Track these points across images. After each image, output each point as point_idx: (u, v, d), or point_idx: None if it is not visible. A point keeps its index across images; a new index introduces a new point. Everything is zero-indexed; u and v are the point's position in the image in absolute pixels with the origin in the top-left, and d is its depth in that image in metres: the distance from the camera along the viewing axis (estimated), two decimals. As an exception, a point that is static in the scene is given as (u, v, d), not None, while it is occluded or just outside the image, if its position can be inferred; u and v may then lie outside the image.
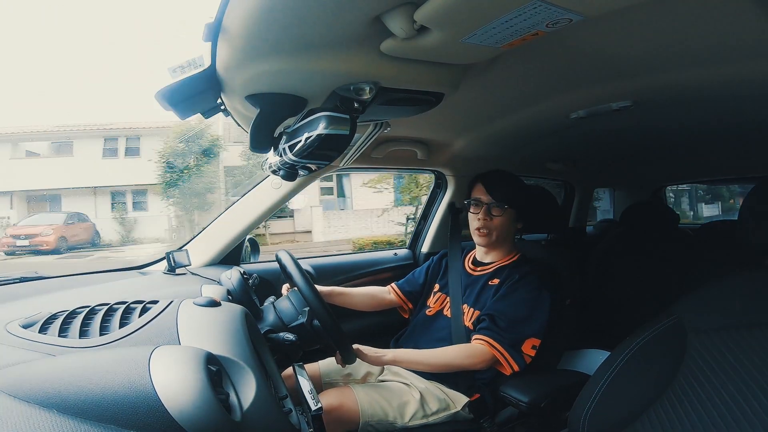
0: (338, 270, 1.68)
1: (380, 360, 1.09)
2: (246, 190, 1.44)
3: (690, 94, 0.96)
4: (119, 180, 10.82)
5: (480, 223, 1.22)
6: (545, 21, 0.56)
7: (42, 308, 0.66)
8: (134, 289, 1.10)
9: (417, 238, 1.92)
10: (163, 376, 0.47)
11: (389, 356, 1.10)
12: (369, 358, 1.08)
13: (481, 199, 1.23)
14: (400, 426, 1.10)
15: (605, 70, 0.87)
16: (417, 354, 1.12)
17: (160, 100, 0.70)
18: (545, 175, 2.31)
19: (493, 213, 1.21)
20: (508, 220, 1.22)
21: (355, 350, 1.03)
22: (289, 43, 0.63)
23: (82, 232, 10.09)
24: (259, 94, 0.77)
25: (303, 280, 0.99)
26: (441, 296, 1.32)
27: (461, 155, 1.55)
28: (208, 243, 1.40)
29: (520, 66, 0.84)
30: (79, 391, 0.45)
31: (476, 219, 1.23)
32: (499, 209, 1.20)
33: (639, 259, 1.87)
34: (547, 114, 1.14)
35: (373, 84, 0.75)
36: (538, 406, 1.00)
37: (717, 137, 1.49)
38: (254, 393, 0.55)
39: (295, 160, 0.78)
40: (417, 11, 0.55)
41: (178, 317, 0.62)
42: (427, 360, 1.11)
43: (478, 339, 1.11)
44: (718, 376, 0.72)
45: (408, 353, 1.12)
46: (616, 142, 1.59)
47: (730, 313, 0.76)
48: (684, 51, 0.76)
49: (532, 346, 1.09)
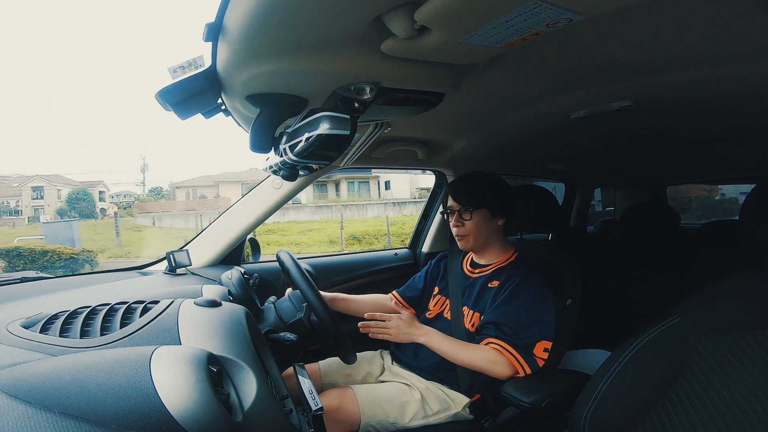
0: (338, 270, 1.68)
1: (414, 337, 1.11)
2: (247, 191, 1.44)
3: (691, 94, 0.96)
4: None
5: (455, 230, 1.23)
6: (546, 21, 0.56)
7: (43, 308, 0.66)
8: (135, 289, 1.10)
9: (417, 238, 1.92)
10: (164, 376, 0.47)
11: (422, 338, 1.12)
12: (407, 330, 1.11)
13: (452, 207, 1.24)
14: (401, 426, 1.10)
15: (606, 69, 0.87)
16: (446, 345, 1.11)
17: (160, 101, 0.70)
18: (546, 175, 2.31)
19: (463, 218, 1.21)
20: (481, 221, 1.21)
21: (407, 315, 1.12)
22: (290, 43, 0.63)
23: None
24: (260, 94, 0.77)
25: (303, 279, 1.00)
26: (441, 299, 1.32)
27: (462, 155, 1.55)
28: (209, 243, 1.40)
29: (520, 66, 0.84)
30: (80, 392, 0.45)
31: (452, 226, 1.24)
32: (467, 213, 1.21)
33: (640, 259, 1.87)
34: (547, 114, 1.13)
35: (374, 84, 0.75)
36: (539, 406, 1.00)
37: (718, 137, 1.49)
38: (255, 393, 0.55)
39: (296, 160, 0.78)
40: (417, 11, 0.55)
41: (178, 317, 0.62)
42: (454, 353, 1.10)
43: (492, 343, 1.09)
44: (719, 377, 0.72)
45: (438, 341, 1.12)
46: (616, 142, 1.58)
47: (731, 313, 0.76)
48: (685, 51, 0.76)
49: (543, 348, 1.08)
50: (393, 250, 1.93)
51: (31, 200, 26.75)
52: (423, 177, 15.78)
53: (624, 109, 1.04)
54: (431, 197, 1.91)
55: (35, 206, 27.04)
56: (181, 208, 20.27)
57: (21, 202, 26.25)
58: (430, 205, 1.90)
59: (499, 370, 1.08)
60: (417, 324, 1.13)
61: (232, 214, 1.42)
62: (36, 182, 27.34)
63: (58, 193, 27.17)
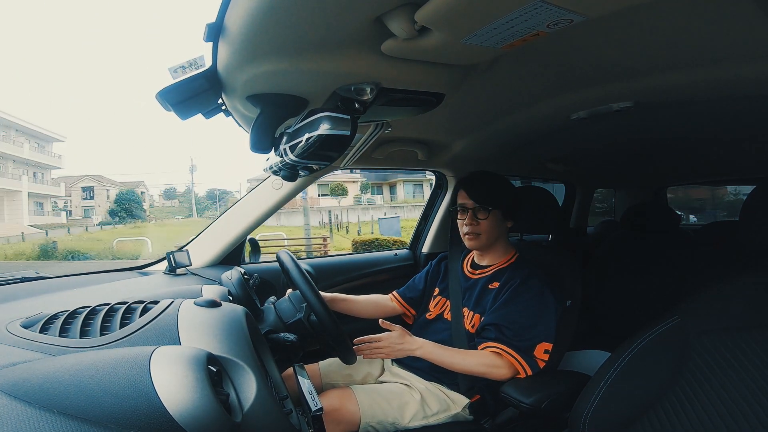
0: (338, 270, 1.68)
1: (409, 351, 1.10)
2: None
3: (691, 94, 0.96)
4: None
5: (468, 228, 1.22)
6: (546, 21, 0.56)
7: (43, 308, 0.66)
8: (135, 290, 1.10)
9: (417, 239, 1.92)
10: (163, 376, 0.47)
11: (418, 352, 1.10)
12: (401, 346, 1.09)
13: (465, 205, 1.23)
14: (401, 427, 1.09)
15: (606, 70, 0.87)
16: (442, 355, 1.10)
17: (160, 101, 0.70)
18: (546, 175, 2.31)
19: (478, 216, 1.21)
20: (495, 221, 1.21)
21: (398, 331, 1.09)
22: (290, 43, 0.63)
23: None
24: (260, 95, 0.77)
25: (303, 279, 0.99)
26: (441, 300, 1.32)
27: (462, 156, 1.55)
28: (209, 243, 1.40)
29: (520, 66, 0.84)
30: (79, 392, 0.45)
31: (464, 224, 1.23)
32: (483, 212, 1.20)
33: (640, 260, 1.87)
34: (548, 115, 1.13)
35: (374, 84, 0.75)
36: (539, 407, 1.00)
37: (718, 138, 1.48)
38: (254, 393, 0.55)
39: (296, 161, 0.78)
40: (418, 12, 0.55)
41: (178, 317, 0.62)
42: (452, 362, 1.10)
43: (491, 347, 1.09)
44: (719, 378, 0.72)
45: (434, 351, 1.11)
46: (617, 143, 1.58)
47: (731, 314, 0.76)
48: (685, 51, 0.76)
49: (544, 350, 1.08)
50: (393, 250, 1.93)
51: (81, 200, 26.68)
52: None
53: (624, 110, 1.04)
54: (431, 198, 1.91)
55: (85, 206, 27.06)
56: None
57: (71, 201, 26.10)
58: (430, 205, 1.90)
59: (499, 374, 1.07)
60: (409, 338, 1.11)
61: (232, 214, 1.42)
62: (86, 182, 27.37)
63: (107, 193, 27.30)
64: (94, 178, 26.87)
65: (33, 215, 22.37)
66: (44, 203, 24.10)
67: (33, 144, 23.15)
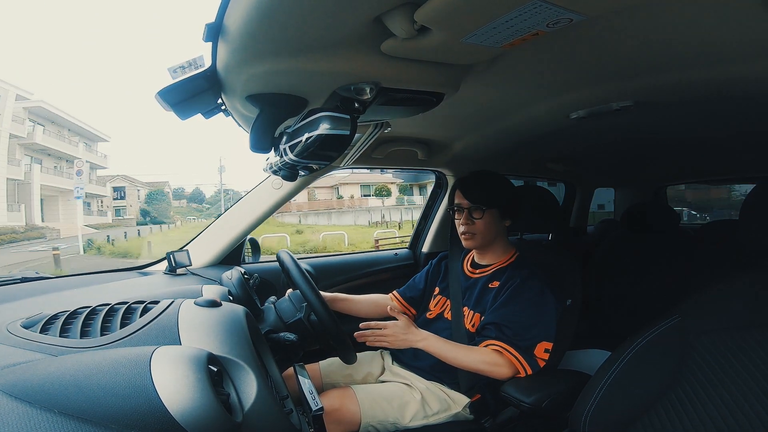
0: (338, 270, 1.68)
1: (412, 342, 1.10)
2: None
3: (691, 93, 0.96)
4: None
5: (463, 228, 1.22)
6: (546, 21, 0.56)
7: (43, 308, 0.66)
8: (135, 290, 1.10)
9: (417, 239, 1.92)
10: (164, 376, 0.47)
11: (422, 344, 1.10)
12: (405, 336, 1.09)
13: (461, 204, 1.23)
14: (401, 426, 1.10)
15: (606, 70, 0.87)
16: (445, 349, 1.11)
17: (159, 101, 0.70)
18: (546, 175, 2.31)
19: (474, 216, 1.20)
20: (491, 221, 1.21)
21: (404, 321, 1.10)
22: (290, 43, 0.63)
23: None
24: (260, 95, 0.77)
25: (303, 279, 1.00)
26: (441, 299, 1.32)
27: (462, 155, 1.55)
28: (209, 243, 1.40)
29: (520, 66, 0.84)
30: (80, 392, 0.45)
31: (460, 224, 1.23)
32: (478, 211, 1.20)
33: (640, 259, 1.87)
34: (547, 114, 1.13)
35: (374, 84, 0.75)
36: (539, 406, 1.00)
37: (718, 137, 1.48)
38: (255, 393, 0.55)
39: (296, 160, 0.78)
40: (417, 11, 0.55)
41: (179, 317, 0.62)
42: (454, 357, 1.10)
43: (492, 345, 1.09)
44: (719, 377, 0.72)
45: (437, 345, 1.11)
46: (617, 142, 1.58)
47: (731, 313, 0.76)
48: (685, 51, 0.76)
49: (544, 349, 1.08)
50: (393, 250, 1.93)
51: (112, 200, 26.24)
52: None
53: (624, 109, 1.04)
54: (431, 197, 1.91)
55: (116, 206, 26.47)
56: (321, 207, 24.27)
57: (104, 202, 25.47)
58: (430, 205, 1.90)
59: (500, 372, 1.07)
60: (414, 329, 1.12)
61: (232, 214, 1.42)
62: (117, 182, 27.04)
63: (138, 194, 27.06)
64: (125, 178, 26.63)
65: (83, 215, 21.92)
66: (92, 203, 23.52)
67: (82, 143, 22.77)
